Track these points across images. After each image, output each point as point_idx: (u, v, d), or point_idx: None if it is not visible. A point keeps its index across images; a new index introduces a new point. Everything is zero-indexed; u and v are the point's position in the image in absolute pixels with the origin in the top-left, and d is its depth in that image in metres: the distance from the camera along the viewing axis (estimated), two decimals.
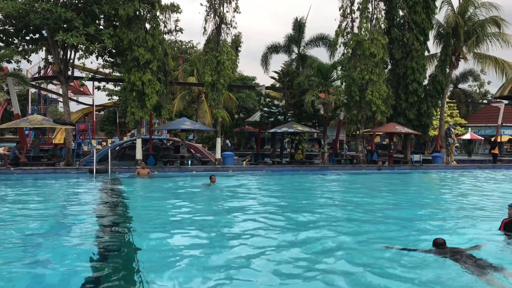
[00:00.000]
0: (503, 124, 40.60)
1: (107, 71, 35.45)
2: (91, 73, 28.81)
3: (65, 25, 21.66)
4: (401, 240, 8.05)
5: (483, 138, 43.24)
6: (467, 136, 40.25)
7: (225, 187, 16.91)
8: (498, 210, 11.51)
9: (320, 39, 36.48)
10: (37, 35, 23.85)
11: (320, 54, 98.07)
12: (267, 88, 31.44)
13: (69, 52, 23.97)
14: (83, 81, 24.52)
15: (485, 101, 55.29)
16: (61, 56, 23.62)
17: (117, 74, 32.75)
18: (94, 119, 45.13)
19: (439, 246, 6.78)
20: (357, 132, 28.30)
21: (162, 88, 24.29)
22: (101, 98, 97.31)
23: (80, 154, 26.73)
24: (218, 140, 26.18)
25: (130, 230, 9.06)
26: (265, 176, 22.44)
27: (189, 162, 25.00)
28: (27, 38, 23.88)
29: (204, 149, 30.01)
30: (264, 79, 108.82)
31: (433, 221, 10.26)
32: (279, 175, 22.73)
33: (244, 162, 28.29)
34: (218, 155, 25.74)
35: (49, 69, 33.65)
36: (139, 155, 23.84)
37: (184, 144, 26.90)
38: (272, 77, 31.57)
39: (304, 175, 23.16)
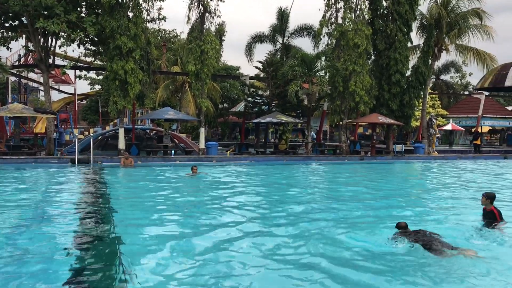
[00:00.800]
0: (484, 115, 41.21)
1: (89, 59, 34.99)
2: (72, 62, 28.38)
3: (45, 12, 21.23)
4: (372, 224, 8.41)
5: (464, 129, 43.84)
6: (449, 127, 40.76)
7: (208, 177, 16.90)
8: (471, 199, 11.80)
9: (305, 29, 36.48)
10: (16, 22, 23.35)
11: (304, 44, 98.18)
12: (251, 78, 31.36)
13: (50, 40, 23.54)
14: (65, 70, 24.10)
15: (466, 93, 56.03)
16: (41, 44, 23.19)
17: (99, 62, 32.34)
18: (76, 108, 44.59)
19: (401, 229, 7.26)
20: (341, 123, 28.47)
21: (145, 77, 24.07)
22: (83, 87, 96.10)
23: (62, 143, 26.41)
24: (202, 130, 26.10)
25: (112, 219, 9.04)
26: (249, 166, 22.48)
27: (173, 152, 24.90)
28: (6, 25, 23.36)
29: (187, 139, 29.89)
30: (248, 69, 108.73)
31: (408, 208, 10.79)
32: (263, 165, 22.79)
33: (228, 152, 28.28)
34: (202, 145, 25.67)
35: (29, 57, 33.04)
36: (121, 144, 23.65)
37: (168, 134, 26.77)
38: (257, 67, 31.53)
39: (288, 165, 23.26)
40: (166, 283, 5.51)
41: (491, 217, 8.29)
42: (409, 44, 30.02)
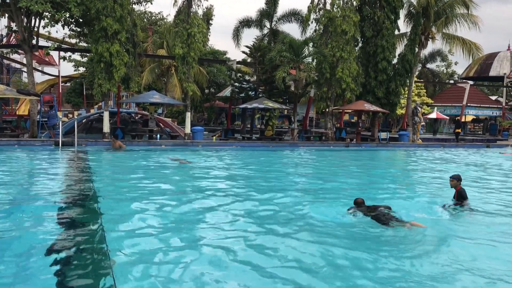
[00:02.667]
0: (468, 104, 41.73)
1: (73, 41, 34.38)
2: (57, 43, 27.87)
3: None
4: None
5: (448, 118, 44.33)
6: (433, 115, 41.16)
7: (194, 163, 16.86)
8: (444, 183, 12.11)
9: (293, 15, 36.22)
10: None
11: (292, 30, 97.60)
12: (238, 63, 31.16)
13: (33, 20, 23.03)
14: (49, 51, 23.66)
15: (451, 81, 56.51)
16: (25, 24, 22.69)
17: (84, 44, 31.79)
18: (60, 91, 43.91)
19: (359, 205, 8.38)
20: (327, 110, 28.55)
21: (131, 60, 23.79)
22: (67, 69, 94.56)
23: (50, 126, 26.03)
24: (188, 115, 25.95)
25: (96, 202, 8.99)
26: (235, 151, 22.46)
27: (158, 136, 24.75)
28: None
29: (173, 124, 29.71)
30: (236, 54, 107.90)
31: (384, 190, 11.65)
32: (249, 151, 22.78)
33: (214, 138, 28.21)
34: (187, 129, 25.55)
35: (12, 38, 32.35)
36: (106, 128, 23.43)
37: (153, 118, 26.59)
38: (244, 52, 31.31)
39: (274, 151, 23.30)
40: (150, 261, 5.52)
41: (458, 197, 9.26)
42: (396, 32, 30.09)
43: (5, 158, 16.53)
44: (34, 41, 23.40)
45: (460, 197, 9.18)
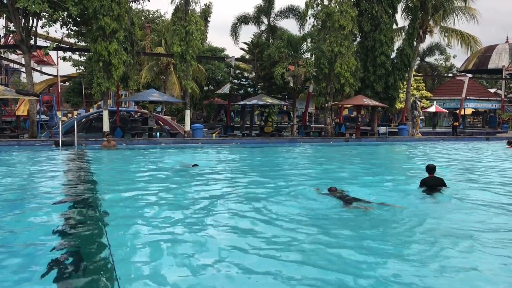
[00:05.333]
0: (467, 97, 41.71)
1: (72, 41, 34.35)
2: (55, 43, 27.86)
3: None
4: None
5: (447, 111, 44.32)
6: (432, 109, 41.15)
7: (195, 157, 16.89)
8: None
9: (290, 10, 36.23)
10: None
11: (290, 25, 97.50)
12: (236, 59, 31.14)
13: (31, 20, 23.00)
14: (47, 51, 23.65)
15: (450, 75, 56.48)
16: (22, 24, 22.67)
17: (83, 44, 31.77)
18: (59, 90, 43.91)
19: (331, 191, 9.56)
20: (326, 105, 28.57)
21: (129, 59, 23.78)
22: (66, 68, 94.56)
23: (51, 126, 26.05)
24: (187, 112, 25.97)
25: (97, 201, 9.02)
26: (235, 148, 22.50)
27: (158, 134, 24.78)
28: None
29: (173, 121, 29.73)
30: (234, 51, 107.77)
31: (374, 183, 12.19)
32: (249, 148, 22.83)
33: (214, 135, 28.24)
34: (187, 127, 25.58)
35: (10, 38, 32.33)
36: (106, 127, 23.46)
37: (153, 116, 26.63)
38: (242, 49, 31.30)
39: (274, 147, 23.33)
40: (150, 258, 5.56)
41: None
42: (394, 26, 30.08)
43: (6, 158, 16.57)
44: (32, 41, 23.39)
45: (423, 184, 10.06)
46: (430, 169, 10.08)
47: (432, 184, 9.91)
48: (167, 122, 28.67)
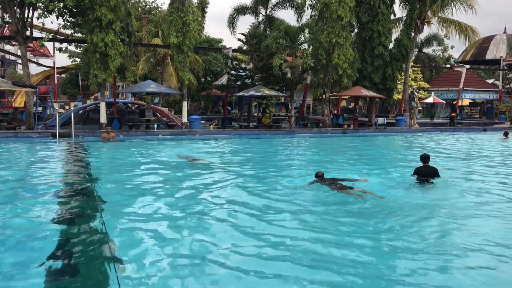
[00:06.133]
0: (464, 88, 41.68)
1: (68, 32, 34.12)
2: (51, 34, 27.65)
3: None
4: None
5: (445, 102, 44.31)
6: (430, 100, 41.12)
7: (193, 149, 16.87)
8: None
9: (288, 1, 35.99)
10: None
11: (288, 16, 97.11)
12: (234, 50, 31.00)
13: (27, 11, 22.84)
14: (43, 42, 23.50)
15: (448, 66, 56.39)
16: (18, 15, 22.50)
17: (79, 35, 31.56)
18: (56, 82, 43.67)
19: (319, 177, 9.83)
20: (324, 96, 28.52)
21: (126, 50, 23.66)
22: (62, 60, 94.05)
23: (45, 118, 25.96)
24: (185, 104, 25.90)
25: (95, 192, 9.02)
26: (232, 139, 22.49)
27: (155, 126, 24.73)
28: None
29: (170, 113, 29.66)
30: (231, 42, 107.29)
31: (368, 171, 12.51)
32: (246, 139, 22.81)
33: (211, 126, 28.20)
34: (184, 119, 25.52)
35: (5, 29, 32.05)
36: (103, 118, 23.38)
37: (150, 107, 26.55)
38: (239, 39, 31.11)
39: (271, 139, 23.31)
40: (148, 249, 5.57)
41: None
42: (392, 17, 29.97)
43: (3, 150, 16.52)
44: (28, 33, 23.23)
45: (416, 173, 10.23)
46: (424, 158, 10.17)
47: (425, 173, 10.03)
48: (164, 113, 28.61)
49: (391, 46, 29.70)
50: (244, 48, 31.25)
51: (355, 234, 6.53)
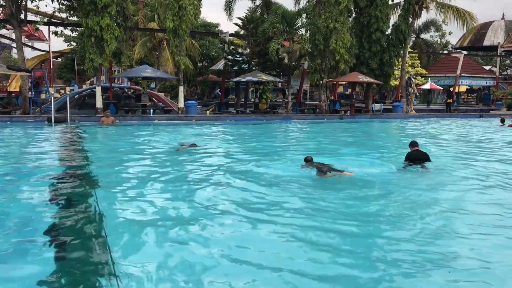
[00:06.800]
0: (462, 75, 41.60)
1: (63, 15, 33.75)
2: (46, 17, 27.36)
3: None
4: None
5: (442, 88, 44.28)
6: (427, 86, 41.06)
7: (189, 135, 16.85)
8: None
9: None
10: None
11: (285, 1, 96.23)
12: (231, 35, 30.77)
13: None
14: (38, 26, 23.27)
15: (445, 52, 56.22)
16: None
17: (75, 19, 31.26)
18: (51, 66, 43.35)
19: (308, 161, 9.92)
20: (321, 82, 28.43)
21: (122, 34, 23.44)
22: (58, 44, 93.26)
23: (38, 103, 25.82)
24: (181, 89, 25.78)
25: (90, 177, 9.01)
26: (229, 125, 22.46)
27: (151, 111, 24.65)
28: None
29: (166, 98, 29.54)
30: (228, 26, 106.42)
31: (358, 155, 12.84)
32: (243, 125, 22.78)
33: (208, 112, 28.12)
34: (181, 104, 25.43)
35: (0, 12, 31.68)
36: (99, 103, 23.28)
37: (146, 92, 26.42)
38: (236, 24, 30.89)
39: (268, 125, 23.30)
40: (145, 236, 5.59)
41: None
42: (390, 2, 29.79)
43: None
44: (22, 16, 22.99)
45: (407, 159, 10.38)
46: (413, 143, 10.55)
47: (417, 158, 10.21)
48: (160, 98, 28.49)
49: (388, 31, 29.57)
50: (241, 32, 31.05)
51: (342, 218, 6.59)
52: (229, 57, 29.28)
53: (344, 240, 5.68)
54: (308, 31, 27.46)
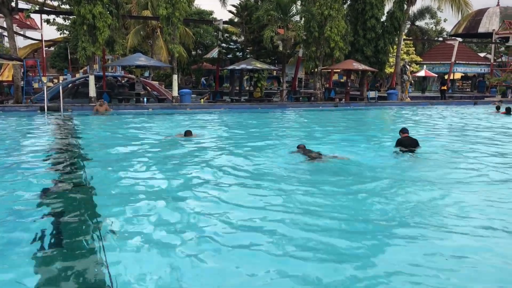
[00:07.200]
0: (456, 62, 41.54)
1: (55, 3, 33.35)
2: (37, 5, 27.01)
3: None
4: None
5: (437, 76, 44.24)
6: (422, 74, 41.01)
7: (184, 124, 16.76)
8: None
9: None
10: None
11: None
12: (225, 23, 30.51)
13: None
14: (29, 13, 22.97)
15: (440, 39, 56.09)
16: None
17: (67, 7, 30.88)
18: (44, 55, 42.93)
19: (300, 148, 10.20)
20: (316, 70, 28.31)
21: (114, 22, 23.18)
22: (51, 33, 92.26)
23: (29, 92, 25.55)
24: (175, 77, 25.60)
25: (83, 167, 8.94)
26: (223, 113, 22.38)
27: (145, 99, 24.49)
28: None
29: (160, 87, 29.35)
30: (222, 14, 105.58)
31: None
32: (237, 113, 22.69)
33: (202, 100, 27.98)
34: (175, 92, 25.26)
35: None
36: (92, 92, 23.09)
37: (139, 81, 26.24)
38: (230, 11, 30.62)
39: (262, 113, 23.21)
40: (139, 229, 5.55)
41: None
42: None
43: None
44: (13, 4, 22.67)
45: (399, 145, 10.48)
46: (404, 129, 10.64)
47: (407, 144, 10.31)
48: (154, 87, 28.30)
49: (383, 18, 29.40)
50: (235, 20, 30.80)
51: (332, 203, 6.70)
52: (223, 45, 29.08)
53: (332, 225, 5.73)
54: (303, 18, 27.24)
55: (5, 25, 25.70)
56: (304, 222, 5.76)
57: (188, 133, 12.89)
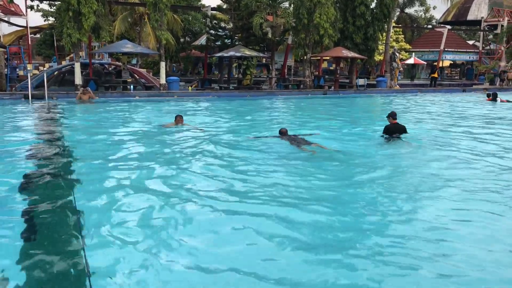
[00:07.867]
0: (445, 49, 41.59)
1: None
2: None
3: None
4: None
5: (426, 63, 44.26)
6: (411, 61, 41.04)
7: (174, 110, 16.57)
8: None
9: None
10: None
11: None
12: (213, 9, 30.13)
13: None
14: None
15: (429, 27, 56.09)
16: None
17: None
18: (30, 42, 42.19)
19: (283, 133, 10.32)
20: (305, 57, 28.12)
21: (100, 8, 22.74)
22: (37, 19, 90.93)
23: (14, 79, 25.09)
24: (162, 65, 25.27)
25: (68, 156, 8.78)
26: (211, 101, 22.18)
27: (132, 87, 24.17)
28: None
29: (148, 74, 29.00)
30: (211, 0, 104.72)
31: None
32: (226, 101, 22.51)
33: (190, 88, 27.71)
34: (162, 80, 24.96)
35: None
36: (78, 80, 22.73)
37: (126, 68, 25.90)
38: None
39: (251, 100, 23.04)
40: (120, 220, 5.42)
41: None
42: None
43: None
44: None
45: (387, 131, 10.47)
46: (393, 115, 10.46)
47: (394, 131, 10.31)
48: (142, 74, 27.95)
49: (373, 5, 29.23)
50: (224, 6, 30.46)
51: (314, 189, 6.72)
52: (212, 31, 28.75)
53: (320, 214, 5.68)
54: (292, 5, 26.97)
55: None
56: (289, 212, 5.70)
57: (178, 119, 12.46)
